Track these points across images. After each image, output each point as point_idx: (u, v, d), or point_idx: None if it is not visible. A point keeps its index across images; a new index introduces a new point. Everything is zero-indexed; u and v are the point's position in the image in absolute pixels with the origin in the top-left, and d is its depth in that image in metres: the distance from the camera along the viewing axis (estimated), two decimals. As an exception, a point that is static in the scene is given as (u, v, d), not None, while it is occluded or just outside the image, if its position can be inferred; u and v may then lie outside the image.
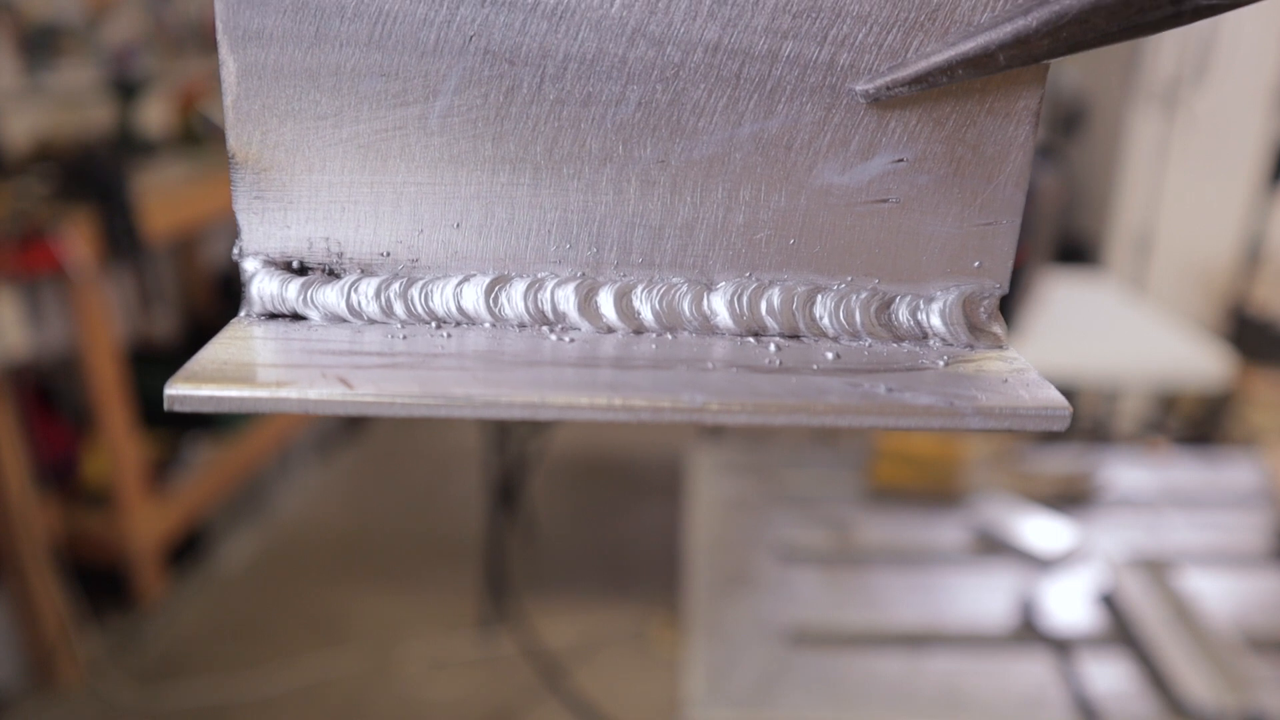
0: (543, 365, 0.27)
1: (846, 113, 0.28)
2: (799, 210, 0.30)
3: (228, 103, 0.29)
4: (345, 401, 0.25)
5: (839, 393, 0.26)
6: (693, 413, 0.25)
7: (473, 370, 0.27)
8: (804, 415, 0.26)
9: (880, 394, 0.26)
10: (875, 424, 0.26)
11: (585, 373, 0.27)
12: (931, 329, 0.30)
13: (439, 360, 0.28)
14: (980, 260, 0.30)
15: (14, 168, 1.82)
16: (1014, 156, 0.29)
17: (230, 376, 0.26)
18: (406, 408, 0.25)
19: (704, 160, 0.29)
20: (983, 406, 0.26)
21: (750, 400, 0.26)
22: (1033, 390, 0.27)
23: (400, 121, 0.29)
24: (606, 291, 0.30)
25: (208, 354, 0.28)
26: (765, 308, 0.30)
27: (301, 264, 0.31)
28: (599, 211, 0.30)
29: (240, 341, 0.29)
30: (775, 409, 0.26)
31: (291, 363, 0.28)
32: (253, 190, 0.30)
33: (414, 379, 0.26)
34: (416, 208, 0.30)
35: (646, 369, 0.27)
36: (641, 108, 0.28)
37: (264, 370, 0.27)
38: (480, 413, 0.25)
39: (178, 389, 0.25)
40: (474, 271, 0.30)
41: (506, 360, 0.28)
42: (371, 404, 0.25)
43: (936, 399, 0.26)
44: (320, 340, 0.29)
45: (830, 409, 0.26)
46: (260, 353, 0.28)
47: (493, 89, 0.28)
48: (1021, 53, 0.25)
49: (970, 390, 0.27)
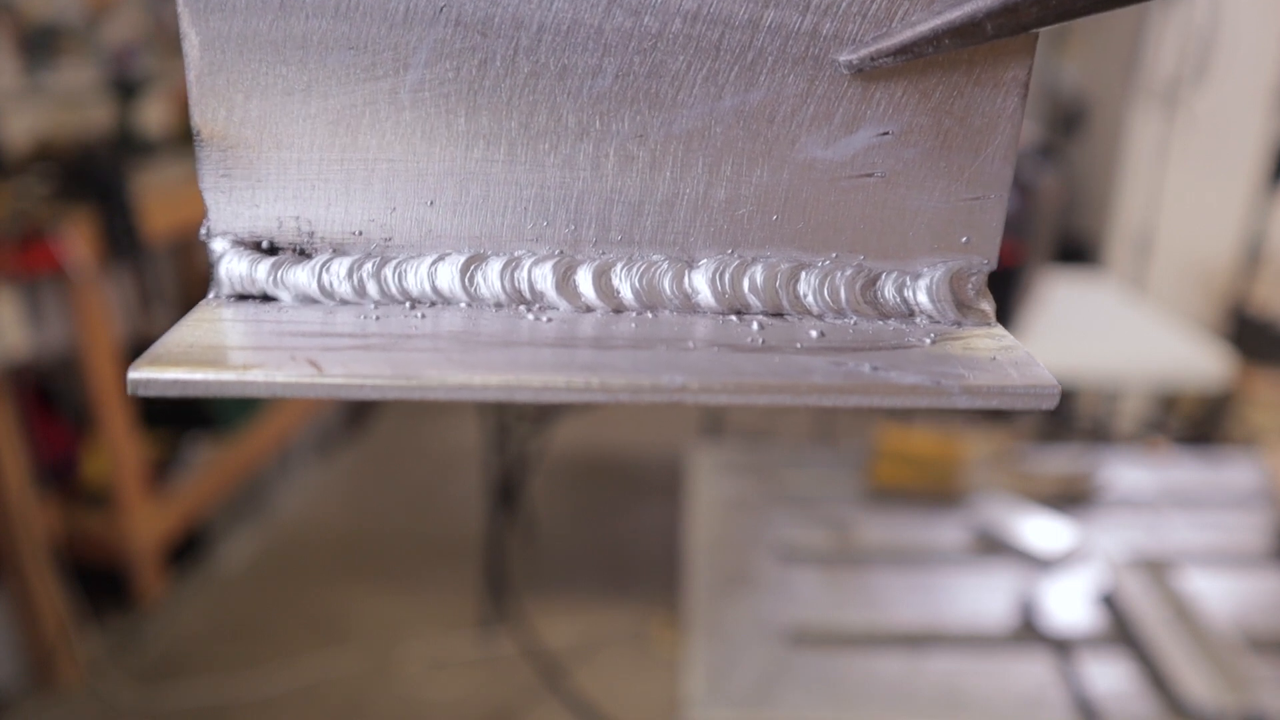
0: (519, 346, 0.27)
1: (830, 84, 0.28)
2: (782, 185, 0.29)
3: (191, 77, 0.28)
4: (314, 384, 0.25)
5: (823, 372, 0.26)
6: (672, 393, 0.25)
7: (447, 351, 0.26)
8: (787, 395, 0.25)
9: (865, 373, 0.26)
10: (860, 403, 0.25)
11: (563, 353, 0.27)
12: (918, 306, 0.29)
13: (412, 341, 0.27)
14: (968, 236, 0.30)
15: (14, 168, 1.82)
16: (1002, 129, 0.28)
17: (196, 359, 0.25)
18: (378, 390, 0.25)
19: (684, 134, 0.28)
20: (970, 385, 0.25)
21: (732, 380, 0.25)
22: (1021, 368, 0.27)
23: (370, 95, 0.28)
24: (585, 270, 0.29)
25: (174, 337, 0.27)
26: (748, 285, 0.29)
27: (271, 244, 0.30)
28: (577, 187, 0.29)
29: (208, 324, 0.28)
30: (757, 389, 0.25)
31: (260, 345, 0.27)
32: (219, 168, 0.29)
33: (386, 360, 0.25)
34: (389, 185, 0.29)
35: (626, 349, 0.27)
36: (619, 80, 0.28)
37: (232, 353, 0.26)
38: (453, 395, 0.25)
39: (142, 373, 0.25)
40: (449, 250, 0.30)
41: (482, 341, 0.27)
42: (341, 386, 0.24)
43: (923, 378, 0.25)
44: (291, 322, 0.28)
45: (814, 389, 0.25)
46: (228, 335, 0.28)
47: (465, 61, 0.28)
48: (1010, 21, 0.25)
49: (957, 369, 0.26)
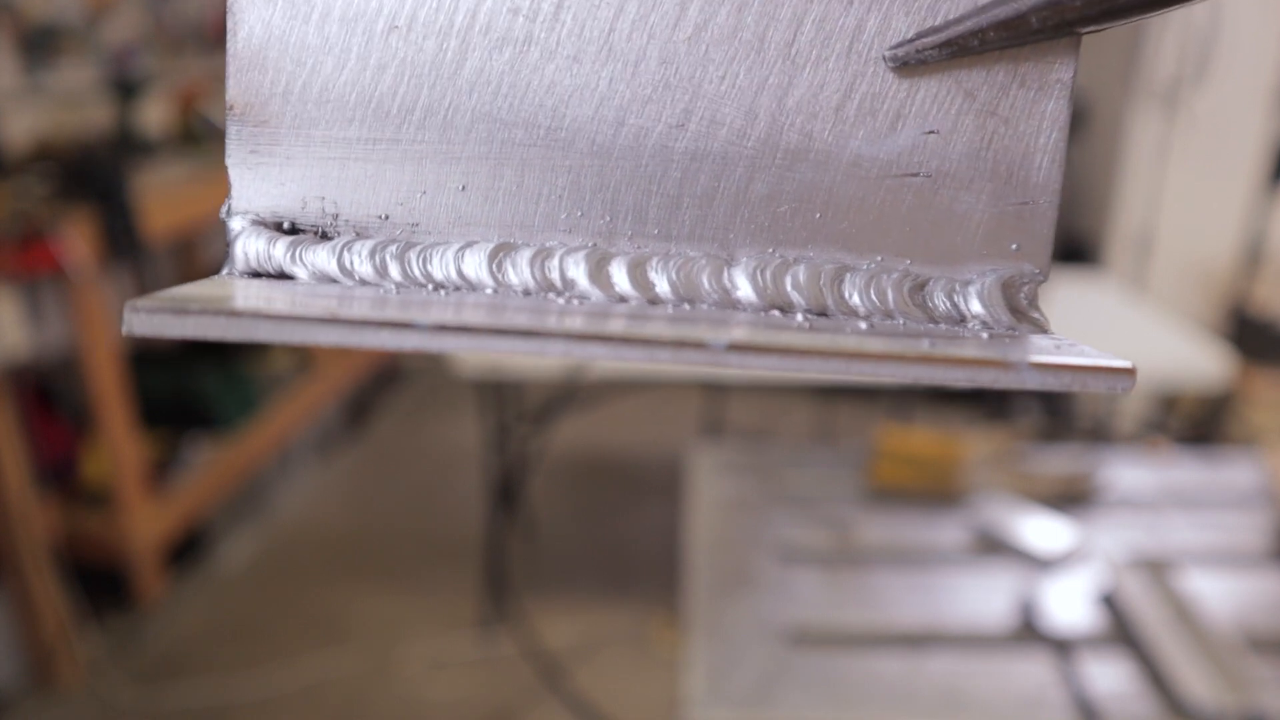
0: (548, 313, 0.26)
1: (873, 81, 0.27)
2: (824, 183, 0.28)
3: (231, 50, 0.27)
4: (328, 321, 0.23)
5: (879, 345, 0.24)
6: (718, 352, 0.23)
7: (466, 310, 0.26)
8: (840, 363, 0.23)
9: (924, 346, 0.24)
10: (919, 376, 0.23)
11: (596, 319, 0.25)
12: (970, 312, 0.28)
13: (430, 306, 0.26)
14: (1018, 243, 0.29)
15: (14, 168, 1.82)
16: (1049, 132, 0.28)
17: (199, 301, 0.24)
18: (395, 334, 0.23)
19: (724, 126, 0.28)
20: (1039, 362, 0.24)
21: (783, 341, 0.23)
22: (1090, 354, 0.25)
23: (409, 76, 0.28)
24: (619, 262, 0.28)
25: (181, 289, 0.26)
26: (790, 283, 0.28)
27: (293, 224, 0.29)
28: (614, 177, 0.28)
29: (217, 286, 0.27)
30: (810, 353, 0.23)
31: (270, 296, 0.26)
32: (249, 144, 0.28)
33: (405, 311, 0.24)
34: (420, 168, 0.28)
35: (664, 322, 0.26)
36: (662, 67, 0.27)
37: (239, 300, 0.25)
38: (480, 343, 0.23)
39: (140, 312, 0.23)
40: (478, 238, 0.29)
41: (509, 309, 0.26)
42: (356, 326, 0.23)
43: (987, 352, 0.24)
44: (306, 290, 0.27)
45: (870, 356, 0.23)
46: (237, 290, 0.27)
47: (507, 46, 0.27)
48: (1054, 15, 0.24)
49: (1022, 350, 0.25)
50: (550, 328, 0.23)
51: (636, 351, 0.23)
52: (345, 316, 0.23)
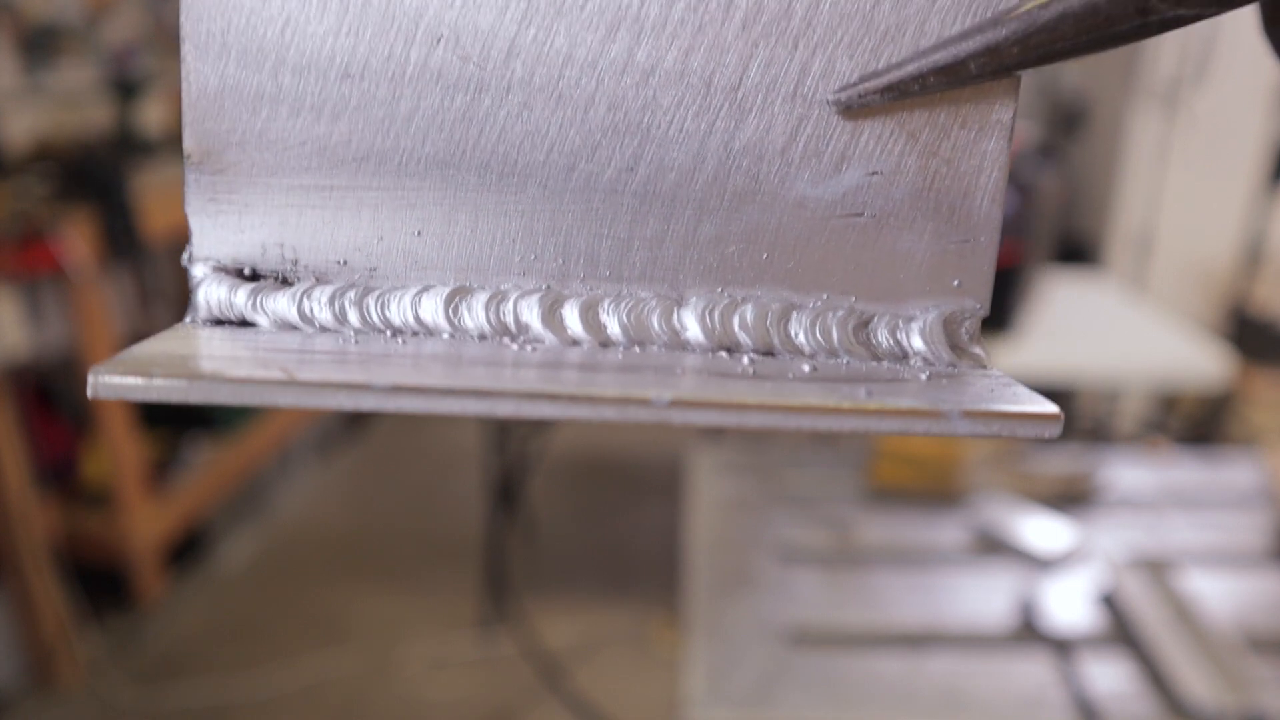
0: (503, 366, 0.27)
1: (818, 124, 0.28)
2: (771, 224, 0.29)
3: (187, 101, 0.28)
4: (285, 385, 0.24)
5: (817, 395, 0.25)
6: (660, 409, 0.24)
7: (428, 368, 0.26)
8: (779, 415, 0.24)
9: (861, 396, 0.25)
10: (855, 427, 0.25)
11: (548, 373, 0.26)
12: (912, 349, 0.29)
13: (390, 359, 0.27)
14: (959, 279, 0.30)
15: (14, 168, 1.82)
16: (989, 171, 0.29)
17: (163, 364, 0.25)
18: (351, 396, 0.24)
19: (673, 170, 0.29)
20: (970, 410, 0.25)
21: (723, 396, 0.25)
22: (1021, 399, 0.26)
23: (363, 124, 0.28)
24: (571, 305, 0.29)
25: (143, 347, 0.26)
26: (738, 323, 0.29)
27: (254, 270, 0.30)
28: (565, 222, 0.29)
29: (180, 339, 0.28)
30: (749, 407, 0.24)
31: (233, 355, 0.27)
32: (208, 192, 0.29)
33: (363, 372, 0.25)
34: (376, 214, 0.29)
35: (613, 372, 0.26)
36: (609, 116, 0.28)
37: (200, 360, 0.26)
38: (431, 404, 0.24)
39: (104, 376, 0.24)
40: (434, 281, 0.30)
41: (464, 361, 0.27)
42: (313, 390, 0.24)
43: (920, 401, 0.25)
44: (267, 342, 0.28)
45: (809, 410, 0.25)
46: (199, 347, 0.27)
47: (459, 92, 0.28)
48: (992, 61, 0.25)
49: (956, 396, 0.26)
50: (501, 387, 0.24)
51: (583, 409, 0.24)
52: (302, 380, 0.24)
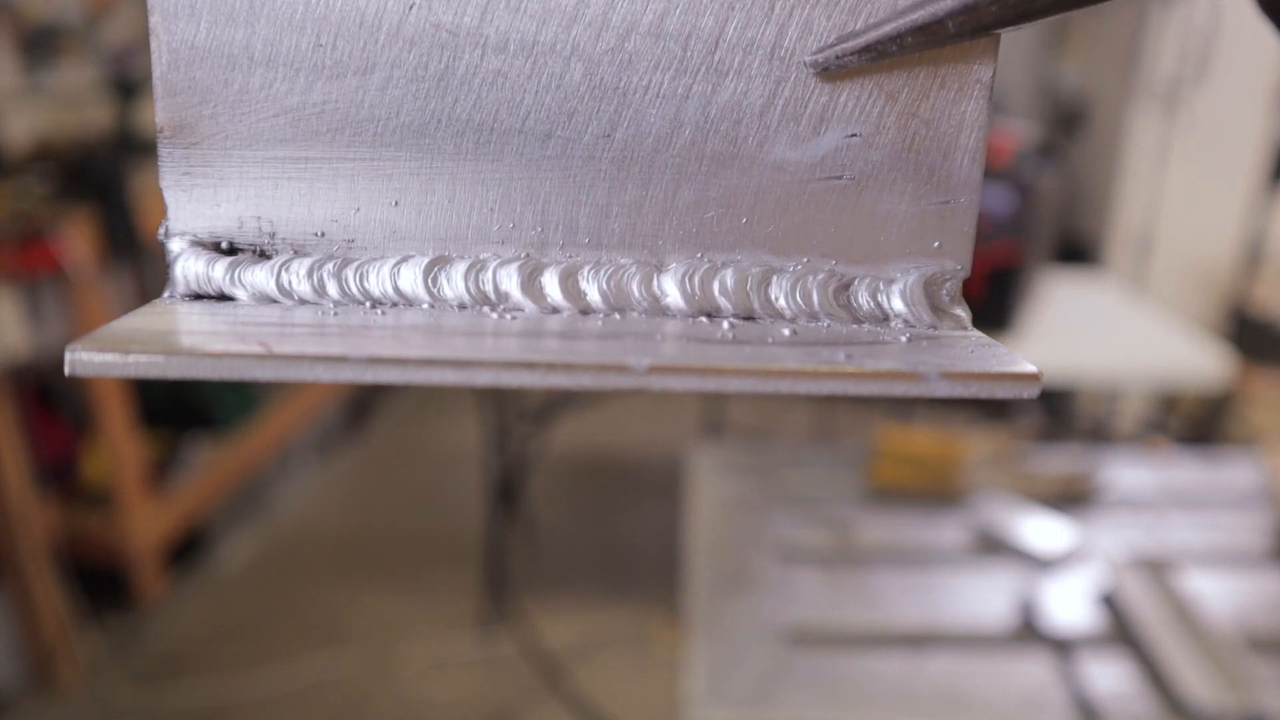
0: (483, 336, 0.27)
1: (796, 86, 0.28)
2: (750, 188, 0.29)
3: (157, 74, 0.27)
4: (263, 359, 0.24)
5: (795, 359, 0.25)
6: (640, 375, 0.24)
7: (407, 339, 0.26)
8: (758, 380, 0.24)
9: (840, 360, 0.25)
10: (833, 389, 0.25)
11: (528, 342, 0.26)
12: (893, 311, 0.29)
13: (370, 331, 0.26)
14: (940, 240, 0.29)
15: (14, 168, 1.82)
16: (969, 132, 0.28)
17: (142, 341, 0.24)
18: (328, 368, 0.24)
19: (650, 136, 0.28)
20: (949, 371, 0.25)
21: (700, 362, 0.25)
22: (1001, 359, 0.26)
23: (336, 95, 0.28)
24: (551, 272, 0.29)
25: (121, 323, 0.26)
26: (718, 288, 0.29)
27: (231, 244, 0.29)
28: (543, 189, 0.29)
29: (159, 315, 0.28)
30: (727, 372, 0.24)
31: (212, 330, 0.26)
32: (181, 166, 0.29)
33: (341, 343, 0.25)
34: (353, 185, 0.29)
35: (593, 340, 0.26)
36: (585, 82, 0.28)
37: (180, 336, 0.26)
38: (409, 375, 0.24)
39: (81, 353, 0.24)
40: (413, 252, 0.29)
41: (445, 331, 0.27)
42: (289, 360, 0.23)
43: (899, 364, 0.25)
44: (246, 315, 0.28)
45: (787, 373, 0.24)
46: (178, 322, 0.27)
47: (432, 61, 0.28)
48: (971, 20, 0.25)
49: (935, 358, 0.26)
50: (479, 357, 0.24)
51: (562, 377, 0.24)
52: (279, 353, 0.24)
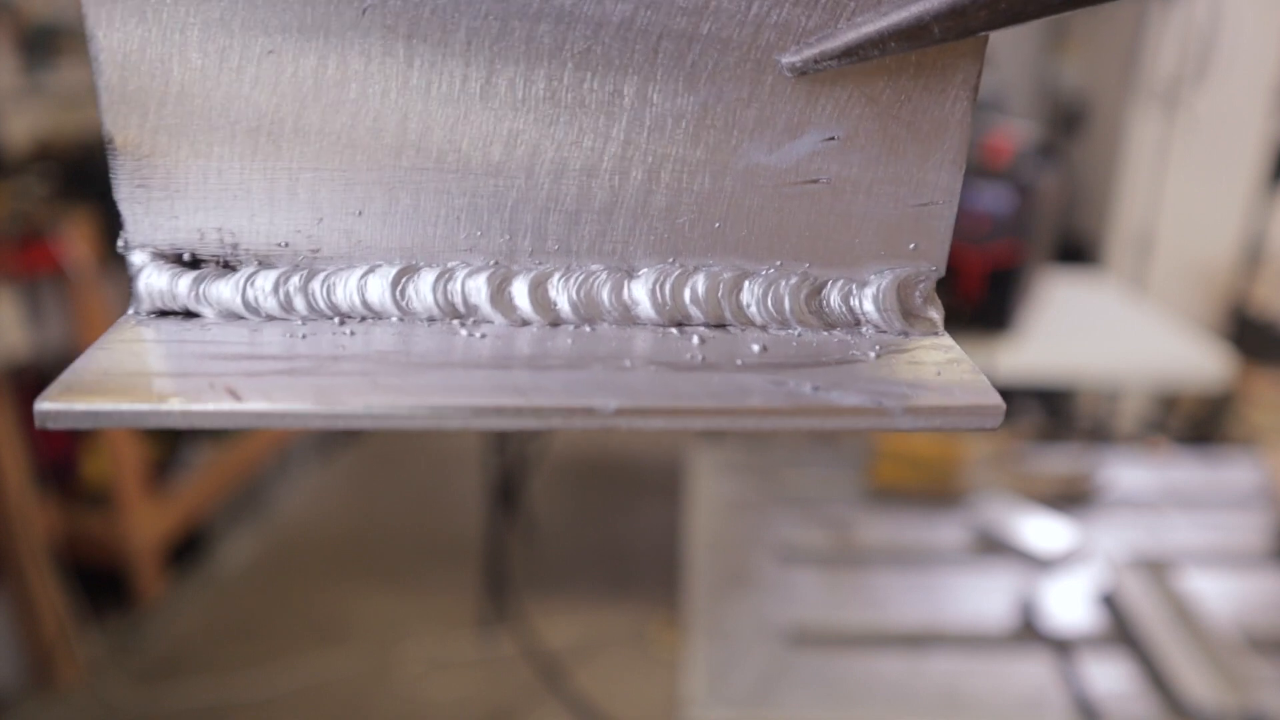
0: (452, 367, 0.26)
1: (773, 89, 0.27)
2: (724, 192, 0.28)
3: (100, 84, 0.27)
4: (233, 414, 0.24)
5: (762, 393, 0.25)
6: (606, 418, 0.24)
7: (375, 374, 0.25)
8: (724, 419, 0.24)
9: (806, 394, 0.25)
10: (800, 427, 0.25)
11: (496, 375, 0.26)
12: (864, 315, 0.29)
13: (340, 364, 0.26)
14: (916, 242, 0.29)
15: (14, 168, 1.82)
16: (951, 134, 0.28)
17: (111, 389, 0.24)
18: (299, 420, 0.24)
19: (621, 139, 0.27)
20: (913, 406, 0.25)
21: (668, 404, 0.24)
22: (966, 387, 0.26)
23: (290, 99, 0.27)
24: (520, 281, 0.28)
25: (89, 362, 0.25)
26: (689, 296, 0.28)
27: (194, 256, 0.29)
28: (511, 195, 0.28)
29: (126, 345, 0.27)
30: (694, 413, 0.24)
31: (180, 370, 0.26)
32: (135, 178, 0.28)
33: (310, 388, 0.24)
34: (315, 194, 0.28)
35: (561, 369, 0.26)
36: (551, 84, 0.27)
37: (149, 380, 0.25)
38: (379, 424, 0.24)
39: (52, 404, 0.23)
40: (380, 262, 0.29)
41: (413, 362, 0.26)
42: (260, 415, 0.23)
43: (864, 399, 0.25)
44: (214, 342, 0.27)
45: (752, 412, 0.24)
46: (147, 359, 0.26)
47: (392, 62, 0.27)
48: (958, 24, 0.24)
49: (900, 388, 0.26)
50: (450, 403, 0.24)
51: (530, 420, 0.24)
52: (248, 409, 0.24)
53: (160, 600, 2.00)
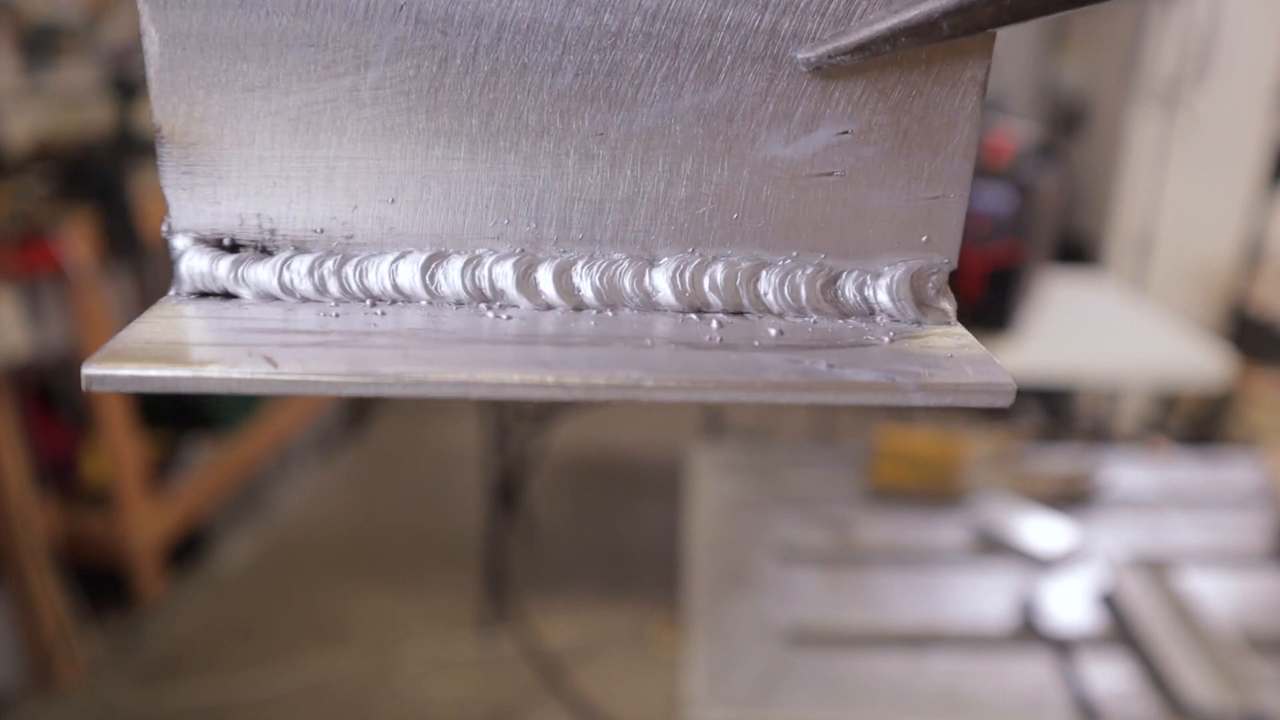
0: (479, 343, 0.27)
1: (789, 83, 0.28)
2: (742, 184, 0.29)
3: (151, 73, 0.28)
4: (270, 379, 0.25)
5: (778, 369, 0.26)
6: (627, 389, 0.25)
7: (406, 348, 0.26)
8: (742, 392, 0.25)
9: (821, 370, 0.26)
10: (815, 400, 0.26)
11: (523, 350, 0.27)
12: (878, 305, 0.30)
13: (372, 339, 0.27)
14: (928, 234, 0.30)
15: (14, 168, 1.82)
16: (961, 128, 0.29)
17: (153, 355, 0.25)
18: (333, 386, 0.25)
19: (644, 132, 0.29)
20: (926, 383, 0.26)
21: (687, 377, 0.25)
22: (978, 366, 0.27)
23: (331, 93, 0.28)
24: (545, 268, 0.29)
25: (132, 333, 0.27)
26: (708, 284, 0.29)
27: (233, 241, 0.30)
28: (538, 185, 0.29)
29: (167, 320, 0.28)
30: (712, 386, 0.25)
31: (219, 341, 0.27)
32: (180, 165, 0.29)
33: (343, 357, 0.26)
34: (350, 183, 0.29)
35: (584, 346, 0.27)
36: (579, 77, 0.28)
37: (189, 349, 0.26)
38: (409, 391, 0.25)
39: (97, 369, 0.25)
40: (410, 248, 0.30)
41: (442, 338, 0.27)
42: (296, 382, 0.25)
43: (878, 375, 0.26)
44: (251, 319, 0.28)
45: (769, 386, 0.25)
46: (187, 331, 0.28)
47: (425, 59, 0.28)
48: (966, 21, 0.25)
49: (914, 366, 0.27)
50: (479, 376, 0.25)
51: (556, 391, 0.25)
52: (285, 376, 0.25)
53: (160, 600, 2.01)
